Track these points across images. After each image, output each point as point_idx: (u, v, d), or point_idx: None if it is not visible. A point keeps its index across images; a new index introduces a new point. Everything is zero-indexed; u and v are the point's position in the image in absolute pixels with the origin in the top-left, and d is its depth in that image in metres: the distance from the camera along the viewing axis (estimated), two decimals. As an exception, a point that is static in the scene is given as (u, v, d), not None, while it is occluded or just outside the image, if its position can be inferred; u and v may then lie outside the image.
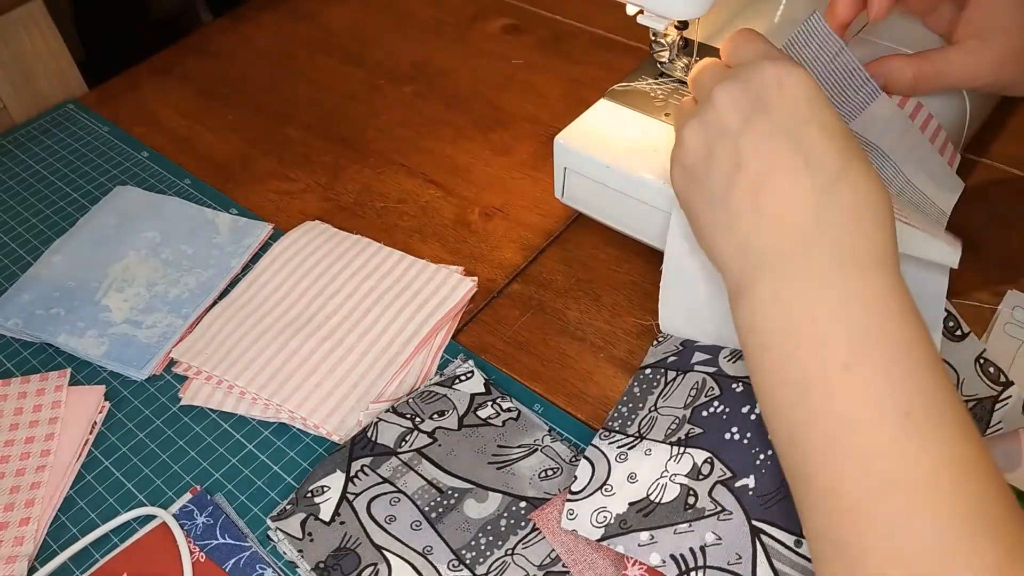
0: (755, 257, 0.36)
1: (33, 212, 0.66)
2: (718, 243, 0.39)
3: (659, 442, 0.43)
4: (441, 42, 0.79)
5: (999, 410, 0.44)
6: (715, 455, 0.41)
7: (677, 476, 0.41)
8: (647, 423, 0.44)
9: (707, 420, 0.42)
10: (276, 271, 0.58)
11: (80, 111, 0.75)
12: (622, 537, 0.40)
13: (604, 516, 0.41)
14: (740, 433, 0.41)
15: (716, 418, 0.42)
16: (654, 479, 0.41)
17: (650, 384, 0.47)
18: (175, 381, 0.53)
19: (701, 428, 0.42)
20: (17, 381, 0.53)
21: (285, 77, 0.77)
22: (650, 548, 0.39)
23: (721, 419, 0.42)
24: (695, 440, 0.42)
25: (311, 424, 0.49)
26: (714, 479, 0.40)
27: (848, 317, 0.33)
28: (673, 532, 0.39)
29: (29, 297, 0.58)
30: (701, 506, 0.39)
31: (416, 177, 0.66)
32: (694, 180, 0.40)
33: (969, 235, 0.56)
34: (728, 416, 0.42)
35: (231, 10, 0.86)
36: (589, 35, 0.78)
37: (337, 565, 0.42)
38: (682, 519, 0.39)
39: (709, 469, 0.40)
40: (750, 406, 0.41)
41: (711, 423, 0.42)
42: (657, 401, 0.45)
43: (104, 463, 0.50)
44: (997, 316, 0.51)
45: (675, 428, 0.43)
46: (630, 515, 0.40)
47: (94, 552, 0.46)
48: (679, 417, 0.43)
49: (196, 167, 0.68)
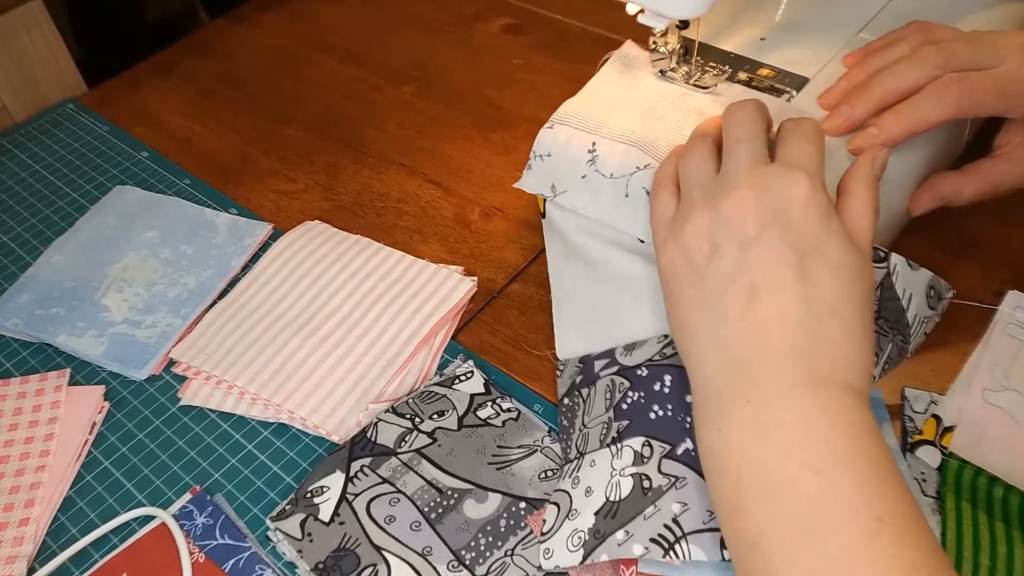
0: (732, 363, 0.36)
1: (32, 212, 0.66)
2: (699, 339, 0.38)
3: (598, 450, 0.44)
4: (441, 42, 0.79)
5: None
6: (649, 437, 0.42)
7: (625, 470, 0.42)
8: (582, 441, 0.45)
9: (629, 411, 0.43)
10: (276, 271, 0.58)
11: (80, 111, 0.75)
12: (601, 546, 0.40)
13: (579, 537, 0.41)
14: (661, 408, 0.42)
15: (636, 406, 0.43)
16: (606, 482, 0.42)
17: (572, 410, 0.48)
18: (174, 381, 0.53)
19: (627, 420, 0.43)
20: (16, 381, 0.53)
21: (285, 77, 0.77)
22: (629, 543, 0.39)
23: (640, 404, 0.43)
24: (626, 432, 0.43)
25: (311, 424, 0.49)
26: (657, 457, 0.41)
27: (819, 428, 0.33)
28: (643, 519, 0.40)
29: (28, 297, 0.58)
30: (657, 485, 0.40)
31: (416, 177, 0.66)
32: (690, 271, 0.39)
33: (970, 235, 0.56)
34: (645, 399, 0.43)
35: (230, 10, 0.86)
36: (590, 35, 0.78)
37: (336, 566, 0.42)
38: (645, 504, 0.40)
39: (649, 451, 0.41)
40: (659, 383, 0.43)
41: (634, 412, 0.43)
42: (583, 420, 0.46)
43: (103, 463, 0.49)
44: (998, 317, 0.50)
45: (606, 432, 0.44)
46: (600, 523, 0.41)
47: (93, 552, 0.45)
48: (605, 421, 0.44)
49: (196, 167, 0.68)
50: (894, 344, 0.43)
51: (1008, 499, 0.42)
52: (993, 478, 0.42)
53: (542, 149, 0.51)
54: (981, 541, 0.41)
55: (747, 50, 0.55)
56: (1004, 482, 0.42)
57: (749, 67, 0.54)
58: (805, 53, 0.54)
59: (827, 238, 0.37)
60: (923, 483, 0.44)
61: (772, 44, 0.55)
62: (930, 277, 0.44)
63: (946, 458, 0.44)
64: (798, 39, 0.56)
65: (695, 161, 0.42)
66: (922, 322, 0.45)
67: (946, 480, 0.43)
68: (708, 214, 0.38)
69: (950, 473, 0.43)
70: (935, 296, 0.45)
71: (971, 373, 0.48)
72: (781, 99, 0.51)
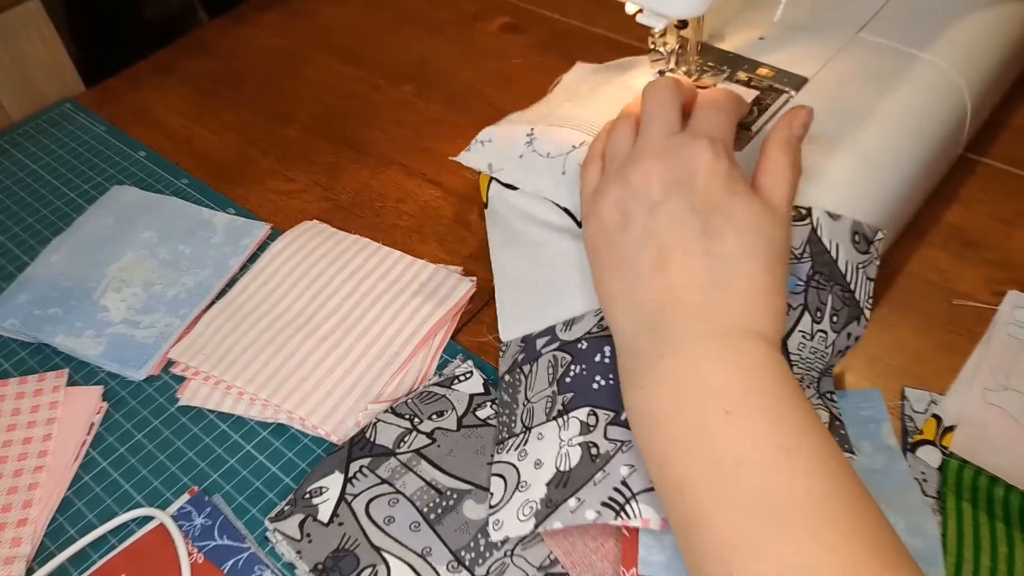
0: (647, 322, 0.38)
1: (30, 212, 0.65)
2: (619, 303, 0.40)
3: (544, 423, 0.45)
4: (441, 41, 0.79)
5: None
6: (593, 406, 0.43)
7: (573, 439, 0.43)
8: (527, 415, 0.46)
9: (572, 383, 0.44)
10: (274, 271, 0.57)
11: (78, 110, 0.74)
12: (554, 514, 0.41)
13: (530, 507, 0.42)
14: (603, 378, 0.43)
15: (579, 378, 0.44)
16: (555, 453, 0.43)
17: (514, 386, 0.48)
18: (173, 381, 0.53)
19: (572, 392, 0.44)
20: (14, 381, 0.53)
21: (284, 77, 0.77)
22: (582, 509, 0.40)
23: (583, 376, 0.44)
24: (571, 404, 0.44)
25: (309, 424, 0.49)
26: (603, 424, 0.42)
27: (728, 373, 0.35)
28: (593, 485, 0.41)
29: (26, 297, 0.57)
30: (604, 451, 0.41)
31: (415, 177, 0.66)
32: (607, 240, 0.41)
33: (970, 235, 0.56)
34: (587, 371, 0.44)
35: (229, 10, 0.86)
36: (589, 34, 0.78)
37: (336, 566, 0.42)
38: (594, 470, 0.41)
39: (595, 420, 0.43)
40: (600, 354, 0.44)
41: (577, 384, 0.44)
42: (526, 395, 0.47)
43: (102, 464, 0.49)
44: (998, 317, 0.50)
45: (551, 405, 0.45)
46: (551, 492, 0.42)
47: (92, 553, 0.45)
48: (549, 395, 0.45)
49: (194, 167, 0.68)
50: (834, 295, 0.44)
51: (1009, 499, 0.41)
52: (994, 478, 0.42)
53: (484, 136, 0.53)
54: (982, 541, 0.41)
55: (746, 50, 0.55)
56: (1005, 482, 0.42)
57: (748, 67, 0.54)
58: (804, 53, 0.54)
59: (731, 199, 0.39)
60: (924, 483, 0.44)
61: (771, 44, 0.55)
62: (852, 223, 0.45)
63: (947, 458, 0.44)
64: (797, 39, 0.56)
65: (616, 136, 0.44)
66: (858, 268, 0.45)
67: (947, 480, 0.43)
68: (620, 184, 0.41)
69: (951, 473, 0.43)
70: (862, 240, 0.46)
71: (971, 373, 0.48)
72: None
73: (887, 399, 0.47)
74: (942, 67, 0.53)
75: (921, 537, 0.41)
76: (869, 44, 0.55)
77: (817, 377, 0.45)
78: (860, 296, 0.45)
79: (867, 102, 0.51)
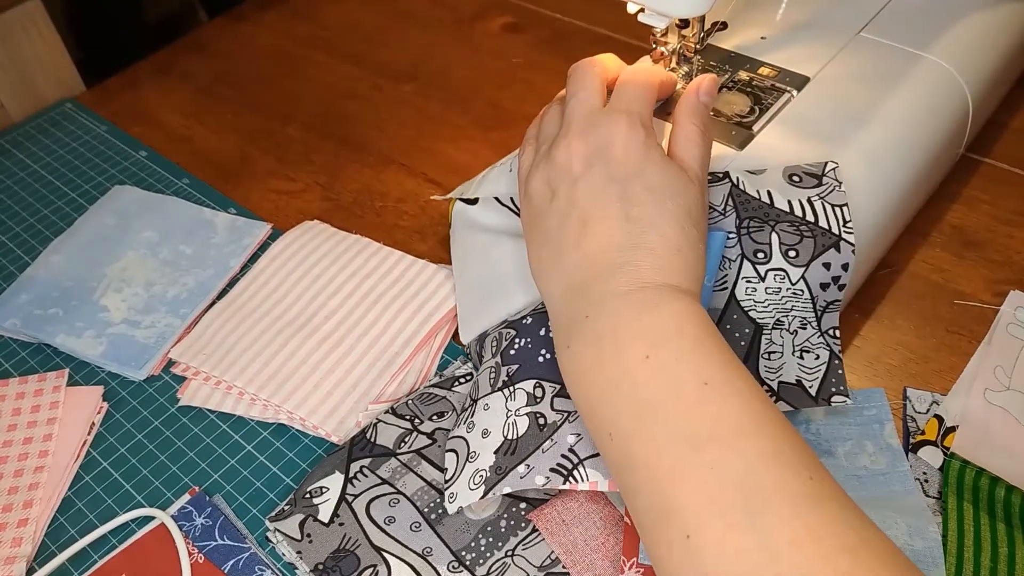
0: (573, 288, 0.40)
1: (31, 212, 0.65)
2: (549, 274, 0.42)
3: (490, 394, 0.45)
4: (441, 41, 0.79)
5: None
6: (539, 378, 0.44)
7: (520, 410, 0.44)
8: (473, 388, 0.47)
9: (517, 355, 0.45)
10: (275, 271, 0.57)
11: (78, 110, 0.74)
12: (503, 480, 0.42)
13: (480, 476, 0.42)
14: (549, 352, 0.44)
15: (524, 351, 0.45)
16: (503, 423, 0.44)
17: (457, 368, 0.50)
18: (173, 381, 0.53)
19: (517, 364, 0.45)
20: (15, 381, 0.53)
21: (285, 76, 0.77)
22: (531, 475, 0.41)
23: (528, 350, 0.45)
24: (517, 375, 0.45)
25: (310, 425, 0.49)
26: (549, 395, 0.43)
27: (644, 322, 0.37)
28: (541, 453, 0.42)
29: (27, 297, 0.57)
30: (552, 421, 0.42)
31: (416, 177, 0.66)
32: (538, 216, 0.43)
33: (972, 235, 0.56)
34: (532, 344, 0.45)
35: (229, 9, 0.86)
36: (590, 34, 0.77)
37: (336, 567, 0.42)
38: (543, 439, 0.42)
39: (541, 391, 0.44)
40: (544, 328, 0.45)
41: (522, 356, 0.45)
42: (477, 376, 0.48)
43: (102, 464, 0.49)
44: (999, 317, 0.50)
45: (495, 376, 0.46)
46: (500, 460, 0.42)
47: (92, 553, 0.45)
48: (493, 366, 0.46)
49: (195, 166, 0.68)
50: (778, 232, 0.45)
51: (1010, 500, 0.41)
52: (995, 479, 0.42)
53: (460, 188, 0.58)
54: (983, 542, 0.41)
55: (748, 49, 0.55)
56: (1006, 483, 0.42)
57: (750, 66, 0.54)
58: (806, 52, 0.54)
59: (647, 165, 0.41)
60: (925, 483, 0.44)
61: (773, 43, 0.55)
62: (783, 168, 0.47)
63: (948, 458, 0.44)
64: (799, 38, 0.56)
65: (547, 119, 0.47)
66: (812, 200, 0.46)
67: (948, 481, 0.43)
68: (547, 163, 0.43)
69: (952, 474, 0.43)
70: (805, 176, 0.47)
71: (973, 373, 0.48)
72: None
73: (889, 399, 0.47)
74: (944, 67, 0.53)
75: (922, 538, 0.41)
76: (871, 44, 0.55)
77: (818, 315, 0.46)
78: (831, 224, 0.45)
79: (869, 102, 0.51)
